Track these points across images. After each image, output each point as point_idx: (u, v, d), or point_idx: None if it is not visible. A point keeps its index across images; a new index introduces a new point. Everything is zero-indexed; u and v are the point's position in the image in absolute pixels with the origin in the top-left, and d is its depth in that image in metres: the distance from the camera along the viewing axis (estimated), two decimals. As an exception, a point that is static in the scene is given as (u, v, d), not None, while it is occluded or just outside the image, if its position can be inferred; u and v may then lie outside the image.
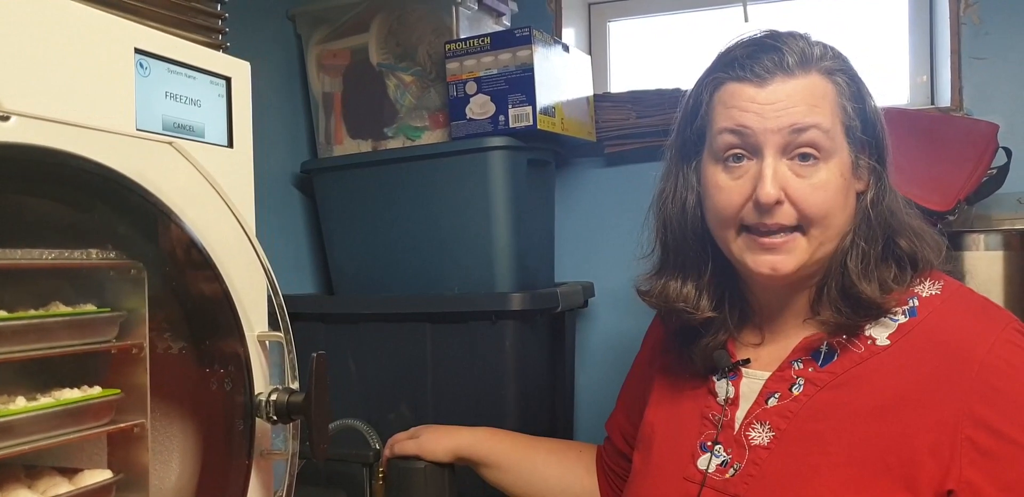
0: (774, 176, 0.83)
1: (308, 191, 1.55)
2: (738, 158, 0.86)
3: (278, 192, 1.52)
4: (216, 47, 0.80)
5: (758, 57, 0.86)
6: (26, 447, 0.56)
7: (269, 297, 0.76)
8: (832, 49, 0.89)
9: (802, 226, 0.85)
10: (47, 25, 0.60)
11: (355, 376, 1.40)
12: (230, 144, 0.77)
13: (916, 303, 0.88)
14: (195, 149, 0.72)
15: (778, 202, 0.83)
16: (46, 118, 0.57)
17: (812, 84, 0.85)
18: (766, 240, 0.85)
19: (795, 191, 0.84)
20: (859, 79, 0.89)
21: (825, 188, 0.84)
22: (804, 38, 0.88)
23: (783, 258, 0.85)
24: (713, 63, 0.91)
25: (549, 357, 1.48)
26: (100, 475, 0.64)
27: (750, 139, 0.85)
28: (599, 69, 1.79)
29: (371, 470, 1.21)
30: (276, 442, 0.79)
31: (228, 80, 0.77)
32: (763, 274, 0.86)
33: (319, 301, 1.48)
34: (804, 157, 0.84)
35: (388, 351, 1.38)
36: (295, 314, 1.43)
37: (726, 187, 0.87)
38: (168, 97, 0.71)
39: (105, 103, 0.64)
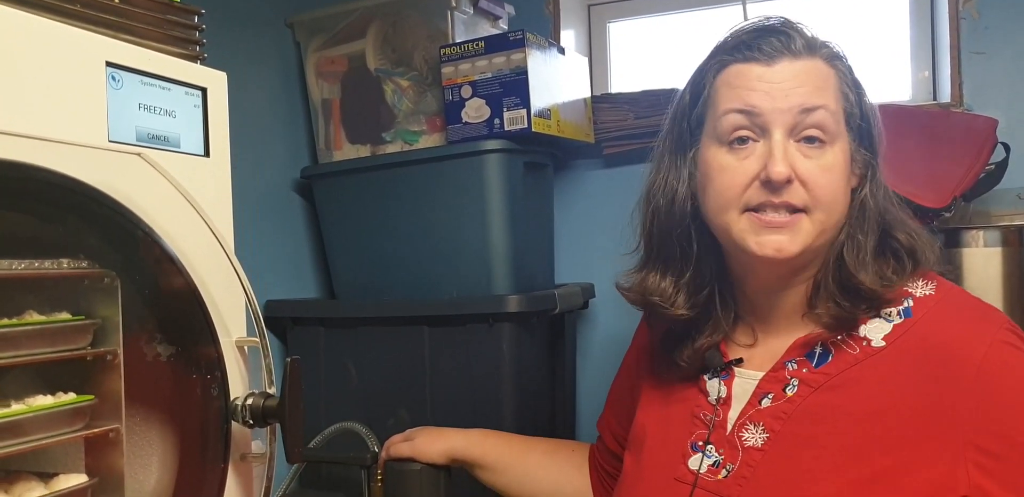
0: (785, 153, 0.82)
1: (309, 196, 1.57)
2: (743, 140, 0.85)
3: (280, 198, 1.55)
4: (194, 58, 0.81)
5: (765, 38, 0.85)
6: (-2, 452, 0.58)
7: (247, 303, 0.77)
8: (831, 42, 0.89)
9: (808, 208, 0.83)
10: (15, 42, 0.61)
11: (355, 379, 1.42)
12: (206, 153, 0.78)
13: (911, 303, 0.87)
14: (170, 159, 0.74)
15: (788, 180, 0.82)
16: (11, 133, 0.59)
17: (817, 67, 0.85)
18: (771, 217, 0.83)
19: (804, 171, 0.83)
20: (856, 74, 0.89)
21: (832, 170, 0.84)
22: (807, 27, 0.88)
23: (789, 238, 0.83)
24: (715, 49, 0.90)
25: (548, 358, 1.49)
26: (76, 479, 0.66)
27: (758, 119, 0.84)
28: (600, 70, 1.79)
29: (369, 472, 1.22)
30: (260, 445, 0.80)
31: (204, 90, 0.78)
32: (767, 256, 0.83)
33: (318, 305, 1.50)
34: (810, 140, 0.84)
35: (387, 354, 1.39)
36: (295, 319, 1.45)
37: (730, 168, 0.85)
38: (142, 108, 0.72)
39: (76, 116, 0.66)
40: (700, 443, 0.90)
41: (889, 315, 0.86)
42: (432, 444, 1.13)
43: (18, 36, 0.62)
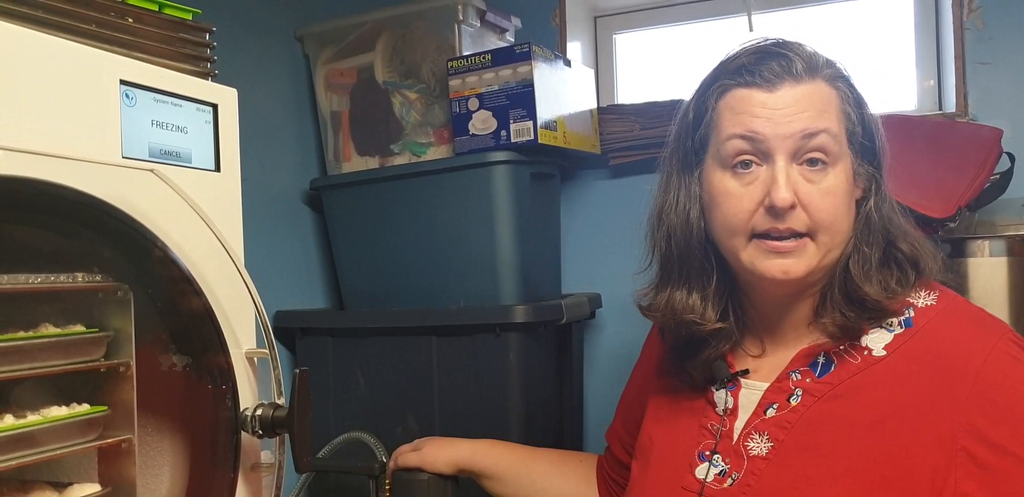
0: (788, 179, 0.83)
1: (318, 207, 1.58)
2: (747, 164, 0.86)
3: (289, 209, 1.56)
4: (204, 75, 0.83)
5: (766, 62, 0.86)
6: (13, 462, 0.59)
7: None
8: (831, 58, 0.89)
9: (812, 233, 0.85)
10: (31, 61, 0.63)
11: (363, 388, 1.43)
12: (217, 168, 0.80)
13: (912, 313, 0.88)
14: (182, 174, 0.76)
15: (791, 206, 0.83)
16: (30, 151, 0.61)
17: (819, 90, 0.86)
18: (778, 244, 0.85)
19: (806, 196, 0.84)
20: (857, 88, 0.90)
21: (834, 193, 0.85)
22: (806, 46, 0.89)
23: (794, 261, 0.85)
24: (715, 71, 0.91)
25: (556, 368, 1.49)
26: (89, 488, 0.67)
27: (761, 145, 0.85)
28: (606, 81, 1.80)
29: (377, 482, 1.23)
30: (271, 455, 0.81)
31: (215, 107, 0.80)
32: (775, 279, 0.85)
33: (327, 316, 1.51)
34: (813, 162, 0.84)
35: (395, 364, 1.40)
36: (304, 329, 1.47)
37: (736, 193, 0.86)
38: (154, 125, 0.74)
39: (91, 133, 0.68)
40: (707, 453, 0.91)
41: (890, 325, 0.87)
42: (439, 454, 1.14)
43: (34, 55, 0.63)
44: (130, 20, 0.77)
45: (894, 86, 1.58)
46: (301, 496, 1.37)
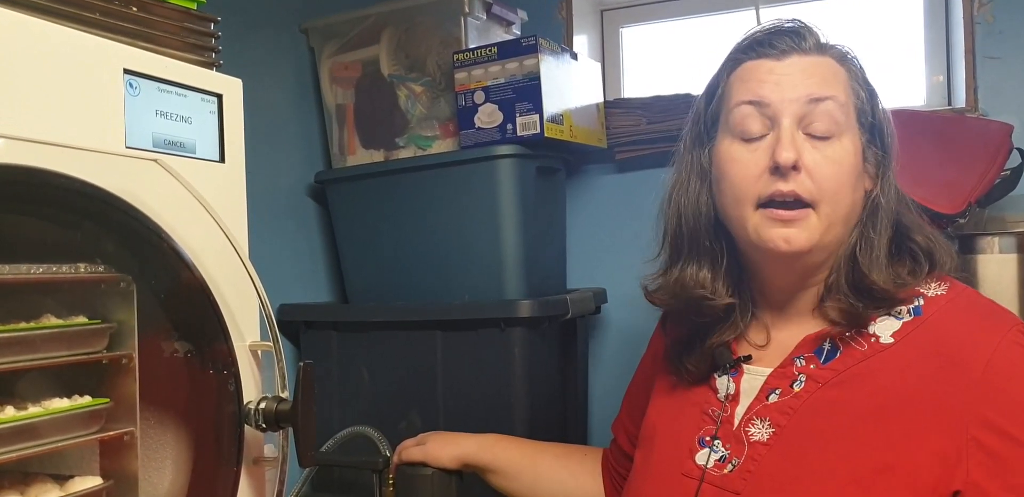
0: (792, 140, 0.84)
1: (323, 201, 1.58)
2: (754, 132, 0.87)
3: (294, 202, 1.56)
4: (209, 65, 0.82)
5: (778, 37, 0.88)
6: (14, 455, 0.59)
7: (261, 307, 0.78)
8: (844, 45, 0.91)
9: (814, 202, 0.85)
10: (35, 50, 0.62)
11: (367, 383, 1.42)
12: (222, 159, 0.79)
13: (921, 302, 0.87)
14: (186, 165, 0.75)
15: (795, 167, 0.83)
16: (32, 140, 0.60)
17: (827, 63, 0.88)
18: (782, 212, 0.85)
19: (811, 161, 0.84)
20: (868, 76, 0.91)
21: (839, 162, 0.85)
22: (820, 31, 0.90)
23: (796, 231, 0.84)
24: (732, 50, 0.92)
25: (560, 363, 1.49)
26: (91, 481, 0.66)
27: (767, 110, 0.86)
28: (612, 75, 1.79)
29: (381, 477, 1.23)
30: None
31: (219, 97, 0.79)
32: (778, 249, 0.85)
33: (331, 309, 1.50)
34: (819, 131, 0.85)
35: (399, 358, 1.40)
36: (308, 322, 1.46)
37: (742, 160, 0.87)
38: (158, 115, 0.73)
39: (94, 123, 0.67)
40: (707, 438, 0.91)
41: (899, 313, 0.87)
42: (444, 449, 1.13)
43: (38, 44, 0.63)
44: (134, 9, 0.76)
45: (903, 81, 1.57)
46: (304, 490, 1.36)
